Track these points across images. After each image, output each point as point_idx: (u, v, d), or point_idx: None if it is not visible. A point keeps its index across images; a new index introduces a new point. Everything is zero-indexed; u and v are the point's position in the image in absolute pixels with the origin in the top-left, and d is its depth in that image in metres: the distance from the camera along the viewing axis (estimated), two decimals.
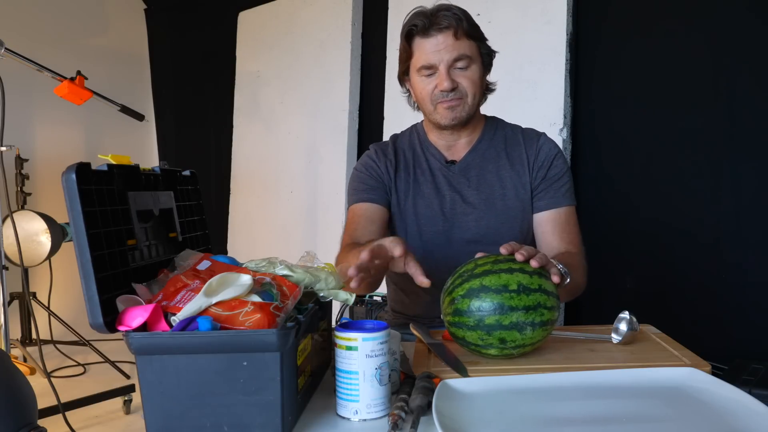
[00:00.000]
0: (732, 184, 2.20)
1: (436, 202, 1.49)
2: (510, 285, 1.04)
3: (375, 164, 1.53)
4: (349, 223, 1.52)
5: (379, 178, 1.52)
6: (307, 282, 1.02)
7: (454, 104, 1.41)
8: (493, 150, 1.51)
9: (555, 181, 1.48)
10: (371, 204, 1.50)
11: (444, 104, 1.41)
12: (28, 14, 3.61)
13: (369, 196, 1.51)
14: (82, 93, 2.46)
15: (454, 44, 1.37)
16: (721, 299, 2.23)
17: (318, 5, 3.36)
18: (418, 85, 1.44)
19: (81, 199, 0.89)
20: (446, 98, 1.40)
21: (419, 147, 1.55)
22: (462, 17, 1.38)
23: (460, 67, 1.39)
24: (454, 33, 1.36)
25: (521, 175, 1.48)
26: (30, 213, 2.99)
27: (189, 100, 4.20)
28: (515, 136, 1.53)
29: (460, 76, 1.40)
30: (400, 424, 0.85)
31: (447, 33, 1.36)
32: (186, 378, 0.85)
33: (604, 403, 0.91)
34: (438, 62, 1.38)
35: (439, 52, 1.37)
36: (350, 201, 1.55)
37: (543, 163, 1.48)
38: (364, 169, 1.54)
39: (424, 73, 1.41)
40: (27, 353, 2.95)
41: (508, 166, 1.49)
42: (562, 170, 1.49)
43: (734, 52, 2.19)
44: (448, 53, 1.37)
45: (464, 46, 1.38)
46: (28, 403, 0.96)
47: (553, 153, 1.49)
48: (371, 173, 1.53)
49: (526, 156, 1.49)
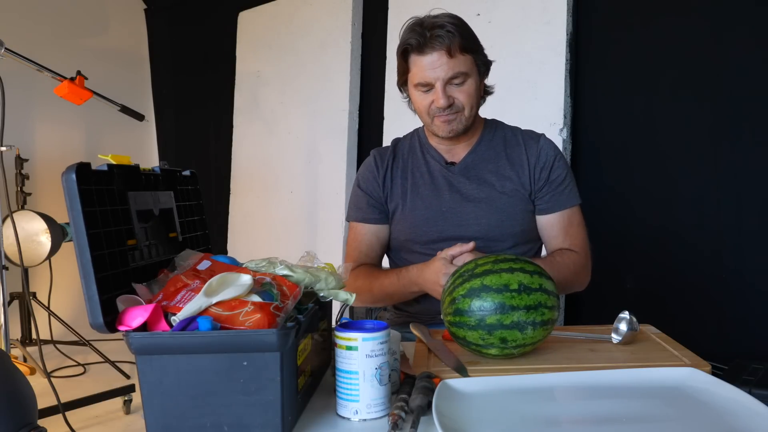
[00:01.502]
0: (732, 185, 2.20)
1: (435, 202, 1.50)
2: (511, 284, 1.04)
3: (373, 177, 1.57)
4: (354, 241, 1.58)
5: (377, 196, 1.56)
6: (307, 282, 1.02)
7: (451, 118, 1.43)
8: (492, 151, 1.52)
9: (558, 184, 1.49)
10: (372, 225, 1.56)
11: (441, 118, 1.43)
12: (28, 14, 3.61)
13: (370, 216, 1.56)
14: (82, 93, 2.45)
15: (449, 62, 1.37)
16: (721, 299, 2.23)
17: (318, 5, 3.36)
18: (416, 98, 1.45)
19: (81, 199, 0.89)
20: (442, 113, 1.42)
21: (419, 150, 1.57)
22: (455, 33, 1.36)
23: (456, 83, 1.40)
24: (447, 51, 1.36)
25: (521, 175, 1.49)
26: (30, 213, 2.99)
27: (189, 100, 4.19)
28: (515, 137, 1.54)
29: (456, 91, 1.41)
30: (400, 424, 0.85)
31: (441, 51, 1.36)
32: (186, 378, 0.85)
33: (604, 403, 0.91)
34: (434, 80, 1.39)
35: (435, 70, 1.38)
36: (351, 216, 1.60)
37: (544, 165, 1.49)
38: (364, 184, 1.58)
39: (421, 89, 1.42)
40: (27, 353, 2.95)
41: (508, 165, 1.50)
42: (563, 172, 1.50)
43: (735, 51, 2.19)
44: (443, 71, 1.38)
45: (459, 62, 1.38)
46: (28, 403, 0.96)
47: (553, 155, 1.50)
48: (370, 191, 1.57)
49: (526, 156, 1.50)
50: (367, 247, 1.57)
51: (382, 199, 1.56)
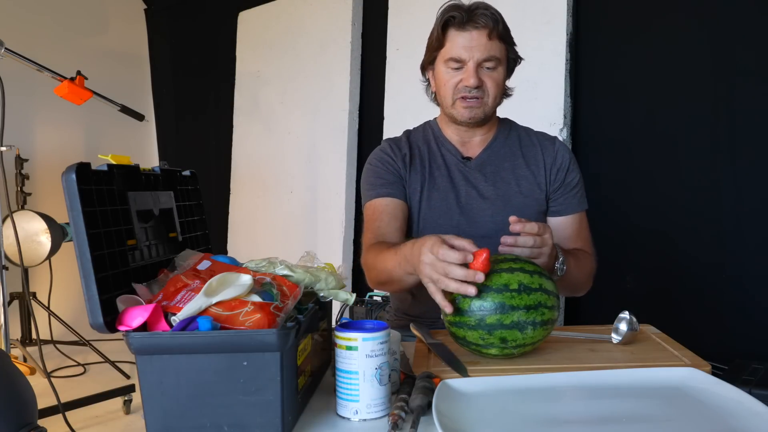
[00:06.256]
0: (733, 185, 2.20)
1: (451, 195, 1.49)
2: (511, 284, 1.04)
3: (390, 158, 1.51)
4: (371, 220, 1.48)
5: (396, 172, 1.50)
6: (307, 282, 1.02)
7: (473, 104, 1.42)
8: (507, 149, 1.52)
9: (572, 187, 1.51)
10: (392, 199, 1.48)
11: (464, 102, 1.42)
12: (28, 14, 3.61)
13: (388, 190, 1.48)
14: (82, 93, 2.46)
15: (487, 44, 1.38)
16: (721, 299, 2.23)
17: (318, 5, 3.36)
18: (443, 76, 1.44)
19: (81, 199, 0.89)
20: (468, 94, 1.41)
21: (434, 142, 1.54)
22: (499, 19, 1.39)
23: (488, 68, 1.40)
24: (488, 33, 1.38)
25: (536, 175, 1.50)
26: (30, 213, 2.99)
27: (189, 100, 4.19)
28: (529, 138, 1.54)
29: (486, 75, 1.41)
30: (400, 424, 0.85)
31: (482, 31, 1.37)
32: (186, 378, 0.85)
33: (604, 403, 0.91)
34: (468, 58, 1.39)
35: (471, 48, 1.38)
36: (368, 196, 1.51)
37: (560, 167, 1.50)
38: (379, 164, 1.51)
39: (452, 65, 1.41)
40: (27, 353, 2.95)
41: (524, 165, 1.51)
42: (577, 176, 1.52)
43: (735, 51, 2.19)
44: (480, 52, 1.38)
45: (495, 47, 1.39)
46: (28, 403, 0.96)
47: (569, 158, 1.52)
48: (387, 167, 1.50)
49: (542, 158, 1.51)
50: (385, 225, 1.45)
51: (402, 176, 1.49)
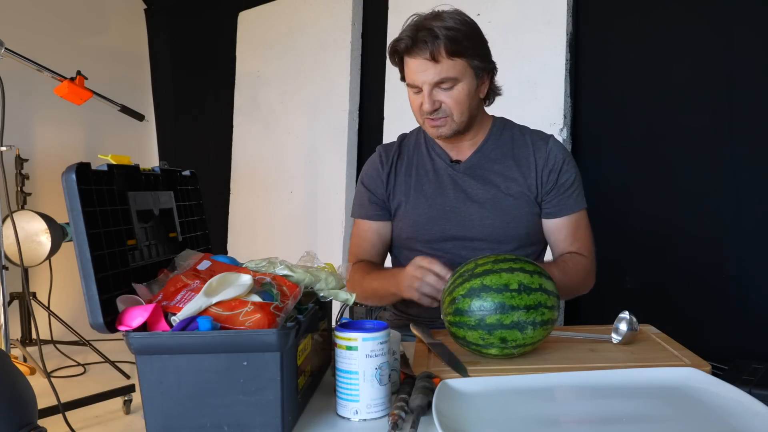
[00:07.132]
0: (732, 185, 2.20)
1: (439, 201, 1.49)
2: (511, 284, 1.04)
3: (377, 174, 1.56)
4: (356, 238, 1.59)
5: (380, 193, 1.56)
6: (307, 282, 1.02)
7: (439, 124, 1.42)
8: (498, 150, 1.51)
9: (566, 188, 1.48)
10: (375, 222, 1.56)
11: (430, 122, 1.43)
12: (28, 14, 3.60)
13: (372, 213, 1.56)
14: (82, 93, 2.45)
15: (434, 67, 1.35)
16: (721, 299, 2.23)
17: (318, 5, 3.36)
18: (410, 97, 1.45)
19: (81, 199, 0.89)
20: (430, 116, 1.41)
21: (424, 147, 1.56)
22: (442, 37, 1.33)
23: (444, 88, 1.38)
24: (431, 57, 1.34)
25: (527, 177, 1.47)
26: (30, 213, 2.99)
27: (189, 100, 4.19)
28: (523, 138, 1.52)
29: (444, 96, 1.39)
30: (400, 424, 0.85)
31: (426, 56, 1.35)
32: (186, 378, 0.85)
33: (604, 403, 0.91)
34: (421, 83, 1.38)
35: (420, 74, 1.37)
36: (355, 212, 1.60)
37: (552, 168, 1.47)
38: (367, 181, 1.58)
39: (413, 89, 1.42)
40: (27, 353, 2.95)
41: (515, 167, 1.48)
42: (572, 176, 1.49)
43: (735, 51, 2.19)
44: (429, 76, 1.37)
45: (445, 67, 1.36)
46: (28, 403, 0.96)
47: (562, 158, 1.48)
48: (373, 188, 1.56)
49: (534, 159, 1.48)
50: (369, 244, 1.57)
51: (385, 197, 1.55)
